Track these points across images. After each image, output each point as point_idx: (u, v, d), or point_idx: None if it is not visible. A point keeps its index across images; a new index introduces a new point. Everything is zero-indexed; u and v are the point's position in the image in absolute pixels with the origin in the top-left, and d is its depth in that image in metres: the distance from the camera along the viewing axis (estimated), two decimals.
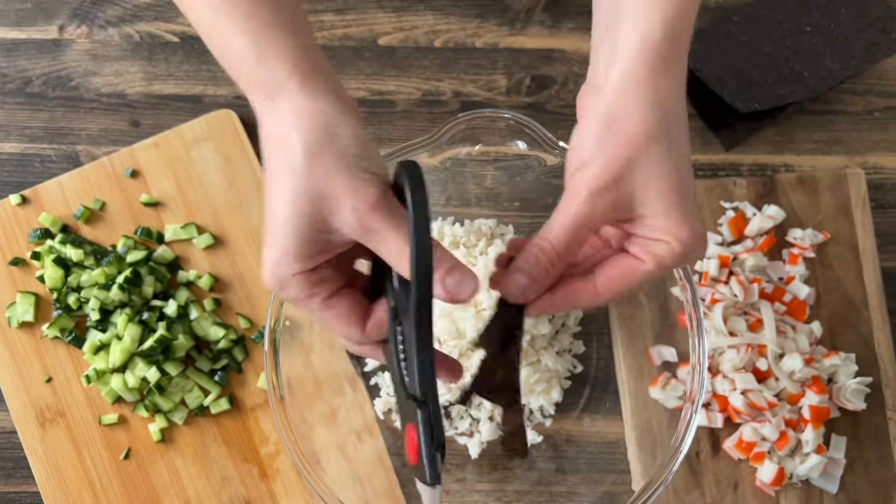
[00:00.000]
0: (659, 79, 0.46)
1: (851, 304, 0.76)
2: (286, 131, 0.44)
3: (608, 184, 0.46)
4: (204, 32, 0.49)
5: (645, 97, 0.46)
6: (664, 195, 0.46)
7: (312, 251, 0.45)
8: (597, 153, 0.46)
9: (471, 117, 0.66)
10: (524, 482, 0.74)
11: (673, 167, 0.46)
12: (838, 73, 0.77)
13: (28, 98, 0.82)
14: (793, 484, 0.72)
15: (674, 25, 0.46)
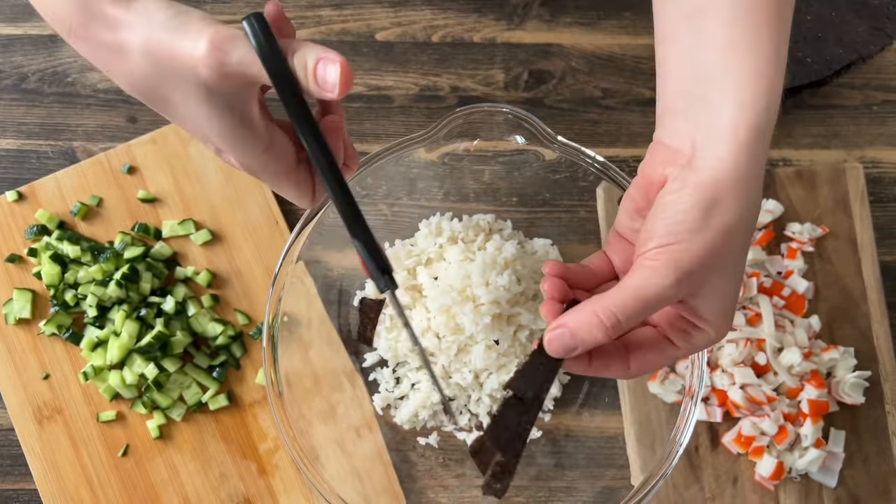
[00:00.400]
0: (756, 170, 0.45)
1: (850, 298, 0.76)
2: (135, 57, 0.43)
3: (695, 270, 0.44)
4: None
5: (746, 190, 0.44)
6: (728, 291, 0.47)
7: (252, 129, 0.45)
8: (694, 234, 0.44)
9: (468, 112, 0.66)
10: (523, 477, 0.74)
11: (741, 262, 0.47)
12: (842, 57, 0.77)
13: (24, 94, 0.81)
14: (792, 478, 0.73)
15: (774, 109, 0.45)
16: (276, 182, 0.49)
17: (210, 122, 0.44)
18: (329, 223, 0.69)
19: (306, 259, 0.70)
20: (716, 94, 0.45)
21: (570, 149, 0.66)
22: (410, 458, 0.75)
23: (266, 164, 0.47)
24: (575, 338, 0.45)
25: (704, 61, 0.45)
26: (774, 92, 0.45)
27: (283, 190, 0.50)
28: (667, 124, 0.47)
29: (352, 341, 0.76)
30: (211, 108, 0.43)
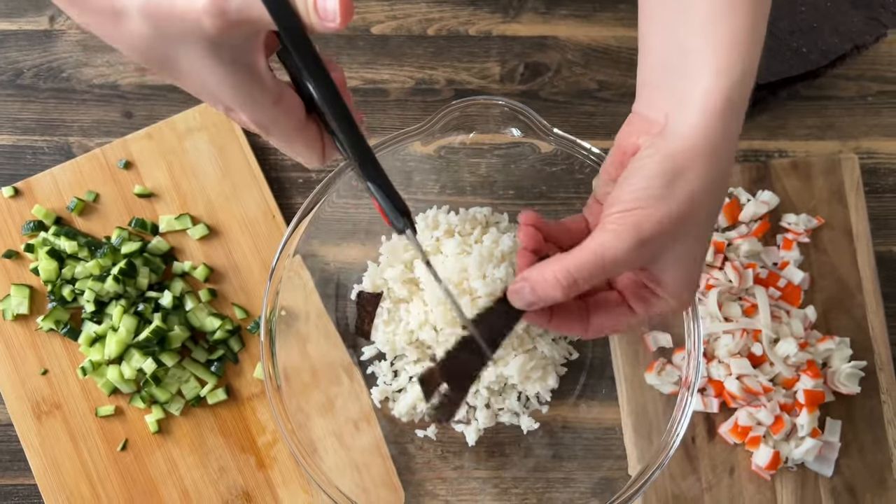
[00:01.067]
0: (729, 143, 0.45)
1: (845, 289, 0.76)
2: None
3: (655, 236, 0.44)
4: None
5: (713, 161, 0.45)
6: (690, 261, 0.47)
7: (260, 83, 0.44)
8: (656, 201, 0.44)
9: (464, 105, 0.66)
10: (521, 469, 0.74)
11: (705, 233, 0.47)
12: (838, 46, 0.77)
13: (19, 90, 0.81)
14: (788, 468, 0.73)
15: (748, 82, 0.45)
16: (287, 139, 0.48)
17: (216, 78, 0.43)
18: (326, 217, 0.69)
19: (303, 253, 0.70)
20: (692, 65, 0.46)
21: (566, 141, 0.66)
22: (408, 451, 0.75)
23: (276, 119, 0.46)
24: (535, 293, 0.47)
25: (683, 35, 0.47)
26: (749, 63, 0.45)
27: (294, 147, 0.49)
28: (644, 96, 0.49)
29: (349, 335, 0.76)
30: (216, 62, 0.43)
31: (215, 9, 0.40)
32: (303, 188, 0.80)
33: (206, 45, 0.42)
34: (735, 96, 0.45)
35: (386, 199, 0.47)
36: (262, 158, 0.80)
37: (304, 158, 0.50)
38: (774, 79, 0.76)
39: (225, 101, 0.46)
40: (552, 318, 0.51)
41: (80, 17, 0.44)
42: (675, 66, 0.47)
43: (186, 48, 0.42)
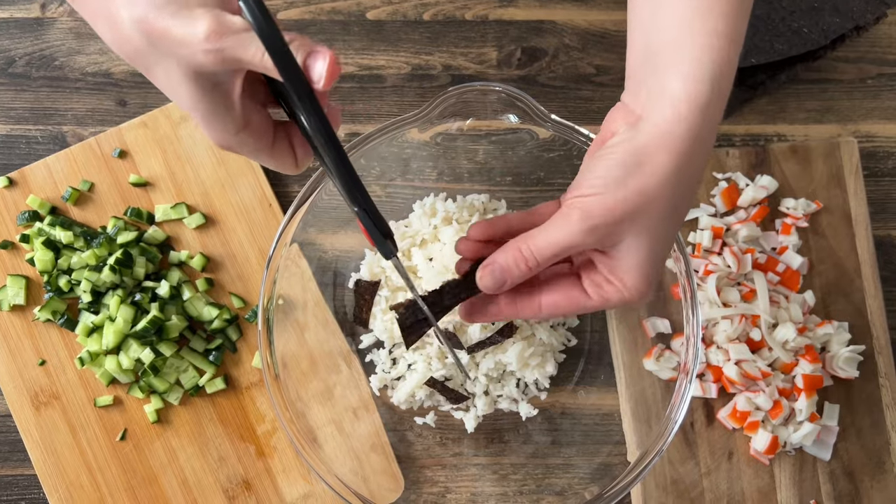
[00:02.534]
0: (696, 143, 0.46)
1: (844, 273, 0.76)
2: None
3: (606, 223, 0.47)
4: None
5: (676, 159, 0.46)
6: (643, 251, 0.48)
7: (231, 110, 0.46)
8: (609, 189, 0.46)
9: (461, 91, 0.65)
10: (520, 455, 0.75)
11: (664, 229, 0.48)
12: (839, 26, 0.76)
13: (11, 79, 0.80)
14: (786, 452, 0.73)
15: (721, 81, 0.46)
16: (255, 157, 0.50)
17: (191, 101, 0.45)
18: (323, 205, 0.69)
19: (300, 241, 0.69)
20: (665, 63, 0.47)
21: (563, 127, 0.66)
22: (408, 438, 0.75)
23: (243, 143, 0.48)
24: (505, 272, 0.51)
25: (660, 30, 0.48)
26: (725, 64, 0.46)
27: (263, 161, 0.51)
28: (630, 88, 0.50)
29: (347, 323, 0.76)
30: (195, 86, 0.44)
31: (211, 47, 0.42)
32: (299, 176, 0.80)
33: (190, 70, 0.43)
34: (704, 98, 0.45)
35: (372, 226, 0.50)
36: None
37: (276, 169, 0.52)
38: (776, 58, 0.76)
39: (194, 117, 0.47)
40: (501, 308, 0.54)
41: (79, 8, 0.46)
42: (651, 63, 0.48)
43: (170, 66, 0.44)
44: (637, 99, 0.48)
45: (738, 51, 0.47)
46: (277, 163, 0.51)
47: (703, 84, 0.45)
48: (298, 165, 0.52)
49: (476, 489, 0.75)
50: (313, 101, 0.45)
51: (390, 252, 0.52)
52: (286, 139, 0.51)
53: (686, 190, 0.48)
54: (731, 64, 0.47)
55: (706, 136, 0.47)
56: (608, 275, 0.50)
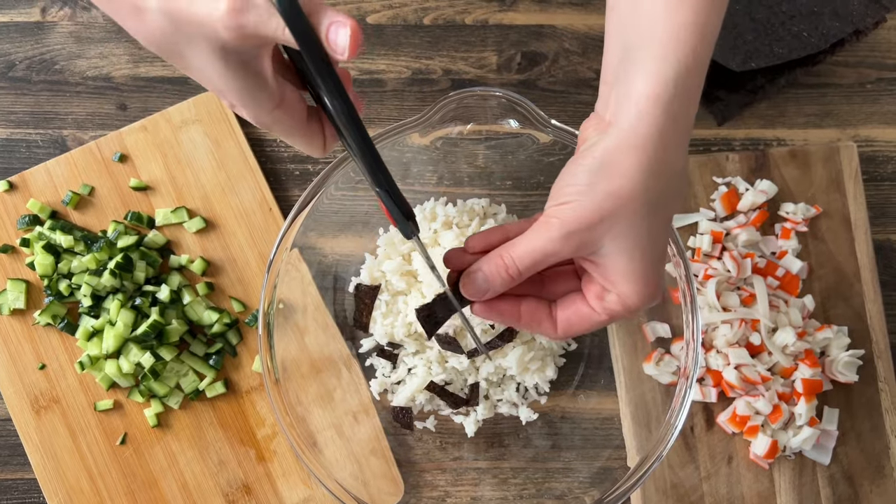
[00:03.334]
0: (662, 139, 0.46)
1: (844, 278, 0.76)
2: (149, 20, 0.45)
3: (580, 229, 0.47)
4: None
5: (642, 157, 0.46)
6: (628, 254, 0.48)
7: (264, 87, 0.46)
8: (580, 196, 0.47)
9: (462, 96, 0.65)
10: (520, 459, 0.75)
11: (647, 229, 0.48)
12: (839, 30, 0.76)
13: (12, 83, 0.80)
14: (786, 456, 0.73)
15: (686, 79, 0.46)
16: (289, 136, 0.51)
17: (224, 80, 0.45)
18: (323, 210, 0.69)
19: (301, 245, 0.69)
20: (632, 63, 0.47)
21: (563, 132, 0.66)
22: (407, 442, 0.75)
23: (278, 120, 0.49)
24: (487, 281, 0.52)
25: (630, 32, 0.48)
26: (692, 59, 0.46)
27: (295, 142, 0.52)
28: (601, 95, 0.51)
29: (348, 327, 0.76)
30: (226, 66, 0.45)
31: (233, 23, 0.42)
32: (299, 180, 0.80)
33: (216, 49, 0.44)
34: (666, 95, 0.46)
35: (394, 206, 0.51)
36: (258, 150, 0.79)
37: (304, 150, 0.53)
38: (776, 62, 0.76)
39: (230, 99, 0.47)
40: (521, 318, 0.54)
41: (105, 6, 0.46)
42: (623, 66, 0.48)
43: (199, 48, 0.44)
44: (607, 106, 0.49)
45: (710, 43, 0.47)
46: (308, 142, 0.51)
47: (665, 82, 0.46)
48: (326, 147, 0.53)
49: (476, 493, 0.75)
50: (335, 79, 0.45)
51: (411, 232, 0.53)
52: (318, 120, 0.52)
53: (664, 187, 0.48)
54: (699, 58, 0.47)
55: (672, 134, 0.47)
56: (604, 283, 0.50)
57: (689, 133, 0.49)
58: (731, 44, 0.75)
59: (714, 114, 0.81)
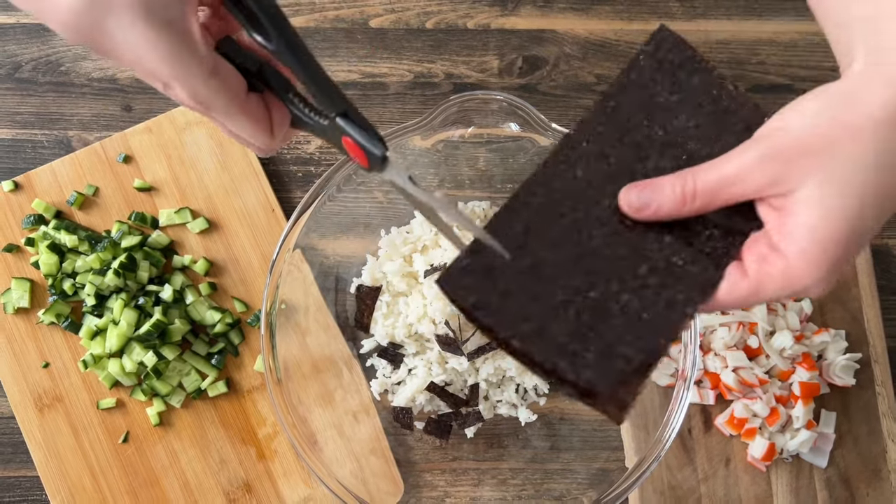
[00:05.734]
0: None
1: (841, 282, 0.77)
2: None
3: (784, 156, 0.39)
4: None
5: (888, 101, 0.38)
6: (827, 208, 0.39)
7: (193, 47, 0.42)
8: (801, 118, 0.40)
9: (463, 99, 0.66)
10: (519, 460, 0.75)
11: (863, 188, 0.39)
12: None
13: (18, 84, 0.81)
14: (783, 459, 0.74)
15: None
16: (229, 115, 0.46)
17: (150, 45, 0.41)
18: (325, 211, 0.69)
19: (303, 246, 0.70)
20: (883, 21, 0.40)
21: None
22: (407, 442, 0.76)
23: (216, 92, 0.44)
24: (655, 191, 0.44)
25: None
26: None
27: (238, 123, 0.47)
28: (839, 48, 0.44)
29: (349, 328, 0.76)
30: (148, 26, 0.41)
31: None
32: (302, 182, 0.80)
33: (137, 9, 0.40)
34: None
35: (360, 131, 0.46)
36: None
37: (250, 136, 0.48)
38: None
39: (160, 73, 0.43)
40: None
41: (23, 3, 0.43)
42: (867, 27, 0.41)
43: (118, 15, 0.41)
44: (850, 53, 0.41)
45: None
46: (253, 123, 0.46)
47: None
48: (275, 130, 0.48)
49: (475, 494, 0.75)
50: (275, 7, 0.42)
51: (383, 152, 0.46)
52: (261, 101, 0.47)
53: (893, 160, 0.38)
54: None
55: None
56: (775, 237, 0.41)
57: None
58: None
59: None
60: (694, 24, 0.83)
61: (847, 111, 0.38)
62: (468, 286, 0.45)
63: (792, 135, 0.39)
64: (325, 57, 0.82)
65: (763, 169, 0.40)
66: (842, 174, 0.38)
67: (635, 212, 0.45)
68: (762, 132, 0.42)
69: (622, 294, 0.45)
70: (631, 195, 0.45)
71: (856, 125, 0.38)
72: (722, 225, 0.45)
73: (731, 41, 0.83)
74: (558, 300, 0.45)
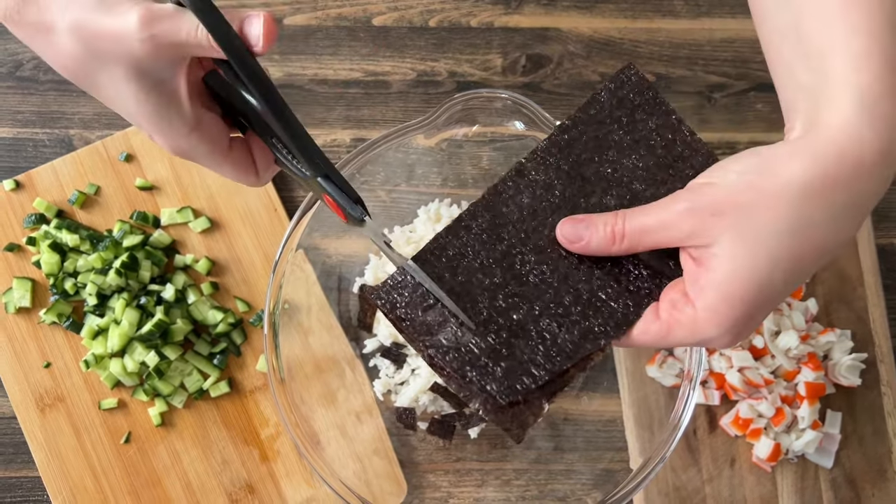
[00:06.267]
0: (838, 165, 0.40)
1: (847, 281, 0.77)
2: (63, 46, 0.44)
3: (706, 210, 0.42)
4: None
5: (808, 168, 0.40)
6: (738, 262, 0.41)
7: (178, 108, 0.45)
8: (723, 179, 0.42)
9: (467, 98, 0.66)
10: (523, 461, 0.75)
11: (773, 252, 0.40)
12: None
13: (19, 82, 0.81)
14: (789, 459, 0.73)
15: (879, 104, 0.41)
16: (212, 163, 0.49)
17: (137, 102, 0.44)
18: (328, 211, 0.69)
19: (306, 246, 0.70)
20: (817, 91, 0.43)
21: None
22: (411, 443, 0.75)
23: (196, 146, 0.47)
24: (588, 227, 0.46)
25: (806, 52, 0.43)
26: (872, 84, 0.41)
27: (222, 170, 0.50)
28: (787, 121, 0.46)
29: (352, 328, 0.76)
30: (139, 85, 0.44)
31: (146, 33, 0.41)
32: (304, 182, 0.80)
33: (131, 67, 0.43)
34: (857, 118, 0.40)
35: (340, 193, 0.48)
36: None
37: (235, 179, 0.51)
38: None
39: (143, 126, 0.46)
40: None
41: (15, 30, 0.45)
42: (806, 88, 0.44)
43: (112, 69, 0.43)
44: (791, 126, 0.44)
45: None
46: (236, 169, 0.50)
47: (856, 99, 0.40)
48: (259, 173, 0.51)
49: (479, 495, 0.75)
50: (253, 68, 0.43)
51: (362, 215, 0.49)
52: (244, 146, 0.50)
53: (821, 219, 0.40)
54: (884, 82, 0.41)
55: (852, 167, 0.40)
56: (689, 287, 0.43)
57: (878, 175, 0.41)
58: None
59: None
60: (698, 22, 0.83)
61: (769, 178, 0.41)
62: (395, 301, 0.49)
63: (716, 192, 0.42)
64: (328, 56, 0.82)
65: (686, 220, 0.42)
66: (755, 237, 0.40)
67: (568, 244, 0.48)
68: (693, 185, 0.44)
69: (543, 319, 0.48)
70: (566, 227, 0.48)
71: (774, 192, 0.40)
72: (652, 267, 0.48)
73: (735, 39, 0.83)
74: (481, 318, 0.48)
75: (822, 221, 0.41)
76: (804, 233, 0.41)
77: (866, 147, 0.40)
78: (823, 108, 0.42)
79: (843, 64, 0.41)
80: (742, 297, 0.41)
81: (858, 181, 0.41)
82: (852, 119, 0.41)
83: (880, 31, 0.42)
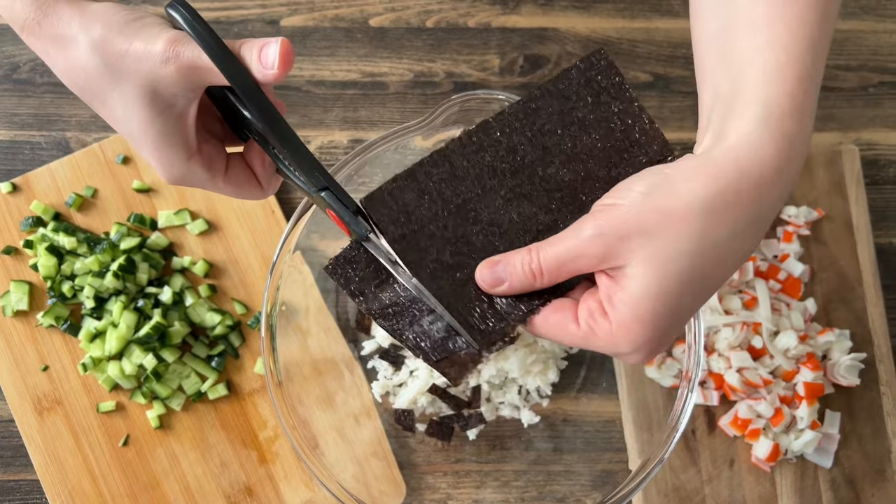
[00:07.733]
0: (741, 180, 0.41)
1: (846, 281, 0.76)
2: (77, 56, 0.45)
3: (614, 234, 0.42)
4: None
5: (710, 188, 0.41)
6: (648, 282, 0.41)
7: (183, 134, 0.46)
8: (628, 201, 0.42)
9: (464, 99, 0.65)
10: (522, 462, 0.75)
11: (681, 271, 0.41)
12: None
13: (16, 84, 0.81)
14: (788, 460, 0.73)
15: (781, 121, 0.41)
16: (211, 187, 0.50)
17: (143, 123, 0.45)
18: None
19: (303, 248, 0.70)
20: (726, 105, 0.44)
21: None
22: (409, 445, 0.75)
23: (193, 172, 0.48)
24: (506, 270, 0.46)
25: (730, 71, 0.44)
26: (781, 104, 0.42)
27: (223, 192, 0.51)
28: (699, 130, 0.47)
29: (350, 329, 0.76)
30: (150, 107, 0.45)
31: (169, 51, 0.43)
32: None
33: (146, 87, 0.44)
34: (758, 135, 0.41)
35: (341, 205, 0.48)
36: None
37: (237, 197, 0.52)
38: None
39: (144, 147, 0.47)
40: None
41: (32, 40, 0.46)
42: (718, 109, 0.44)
43: (125, 87, 0.44)
44: (700, 142, 0.45)
45: (809, 82, 0.42)
46: (237, 188, 0.51)
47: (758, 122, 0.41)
48: (264, 188, 0.52)
49: (478, 496, 0.75)
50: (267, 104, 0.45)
51: (366, 230, 0.48)
52: (241, 164, 0.51)
53: (723, 237, 0.41)
54: (796, 101, 0.42)
55: (754, 180, 0.41)
56: (605, 303, 0.44)
57: (780, 192, 0.42)
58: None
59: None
60: None
61: (671, 198, 0.41)
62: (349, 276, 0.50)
63: (620, 213, 0.42)
64: (325, 57, 0.81)
65: (595, 245, 0.42)
66: (662, 257, 0.41)
67: (489, 288, 0.47)
68: (597, 207, 0.44)
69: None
70: (484, 272, 0.47)
71: (677, 214, 0.41)
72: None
73: None
74: (427, 272, 0.48)
75: (726, 239, 0.41)
76: (709, 251, 0.41)
77: (767, 164, 0.41)
78: (732, 119, 0.42)
79: (757, 76, 0.42)
80: (653, 318, 0.42)
81: (759, 197, 0.41)
82: (754, 134, 0.41)
83: (799, 46, 0.42)
